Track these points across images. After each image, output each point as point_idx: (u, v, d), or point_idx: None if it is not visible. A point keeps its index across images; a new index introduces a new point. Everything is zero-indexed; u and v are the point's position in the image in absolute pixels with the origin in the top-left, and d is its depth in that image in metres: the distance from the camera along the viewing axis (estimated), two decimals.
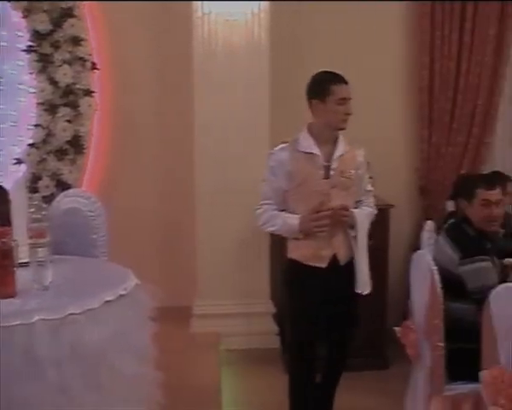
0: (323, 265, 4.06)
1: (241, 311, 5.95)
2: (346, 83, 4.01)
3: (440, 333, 3.88)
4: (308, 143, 4.03)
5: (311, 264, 4.06)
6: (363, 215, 4.16)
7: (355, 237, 4.09)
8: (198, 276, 6.06)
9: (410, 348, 4.14)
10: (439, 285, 3.89)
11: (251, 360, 5.76)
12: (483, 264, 4.08)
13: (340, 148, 4.06)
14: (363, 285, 4.14)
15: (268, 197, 4.11)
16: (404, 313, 4.44)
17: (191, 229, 6.11)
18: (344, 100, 3.98)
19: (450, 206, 5.56)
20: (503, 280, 3.99)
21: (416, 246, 5.14)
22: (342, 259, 4.10)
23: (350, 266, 4.11)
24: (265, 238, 5.96)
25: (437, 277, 3.90)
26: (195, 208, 6.03)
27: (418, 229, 5.54)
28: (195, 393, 4.69)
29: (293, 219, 4.02)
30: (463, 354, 3.78)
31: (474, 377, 3.60)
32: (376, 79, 6.23)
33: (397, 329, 4.25)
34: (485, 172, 5.92)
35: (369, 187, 4.31)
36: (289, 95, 6.03)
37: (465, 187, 4.59)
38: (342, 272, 4.10)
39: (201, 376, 5.01)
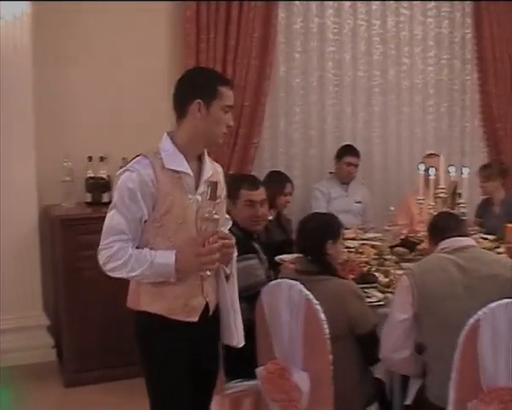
0: (195, 318, 3.17)
1: (14, 326, 5.69)
2: (232, 87, 3.24)
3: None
4: (177, 159, 3.13)
5: (178, 318, 3.13)
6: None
7: (227, 277, 3.30)
8: None
9: None
10: None
11: (28, 376, 5.53)
12: (250, 262, 4.15)
13: (208, 166, 3.24)
14: (240, 335, 3.34)
15: (121, 231, 3.05)
16: None
17: None
18: (230, 108, 3.17)
19: None
20: (275, 277, 4.09)
21: None
22: (212, 307, 3.25)
23: (217, 316, 3.30)
24: (34, 249, 5.80)
25: None
26: None
27: None
28: None
29: (167, 257, 3.03)
30: (241, 352, 3.83)
31: (253, 375, 3.68)
32: (142, 80, 6.15)
33: None
34: (248, 173, 6.04)
35: (227, 215, 3.53)
36: (55, 101, 5.89)
37: (230, 188, 4.67)
38: (211, 324, 3.27)
39: None
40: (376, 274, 4.53)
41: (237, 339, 3.30)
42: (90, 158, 5.85)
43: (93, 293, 5.37)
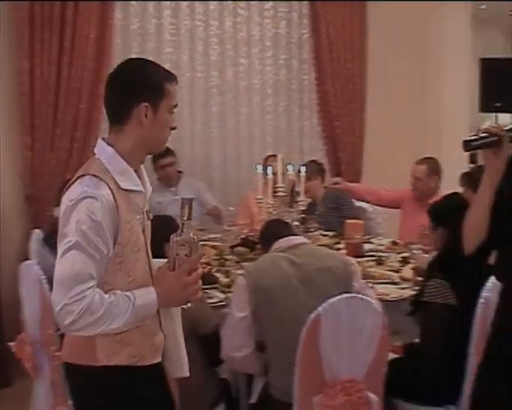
0: (159, 358, 2.73)
1: None
2: (177, 83, 2.72)
3: (56, 342, 3.82)
4: (129, 176, 2.61)
5: (146, 363, 2.66)
6: None
7: None
8: None
9: (27, 361, 4.04)
10: (48, 295, 3.81)
11: None
12: None
13: (146, 177, 2.77)
14: (186, 364, 2.90)
15: (90, 276, 2.44)
16: (19, 327, 4.29)
17: None
18: (175, 108, 2.70)
19: (57, 212, 5.48)
20: None
21: (25, 256, 4.99)
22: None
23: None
24: None
25: (46, 286, 3.83)
26: None
27: (27, 238, 5.40)
28: None
29: (146, 296, 2.55)
30: None
31: None
32: None
33: (12, 344, 4.11)
34: None
35: None
36: None
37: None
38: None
39: None
40: (217, 275, 4.56)
41: (187, 368, 2.88)
42: None
43: None
